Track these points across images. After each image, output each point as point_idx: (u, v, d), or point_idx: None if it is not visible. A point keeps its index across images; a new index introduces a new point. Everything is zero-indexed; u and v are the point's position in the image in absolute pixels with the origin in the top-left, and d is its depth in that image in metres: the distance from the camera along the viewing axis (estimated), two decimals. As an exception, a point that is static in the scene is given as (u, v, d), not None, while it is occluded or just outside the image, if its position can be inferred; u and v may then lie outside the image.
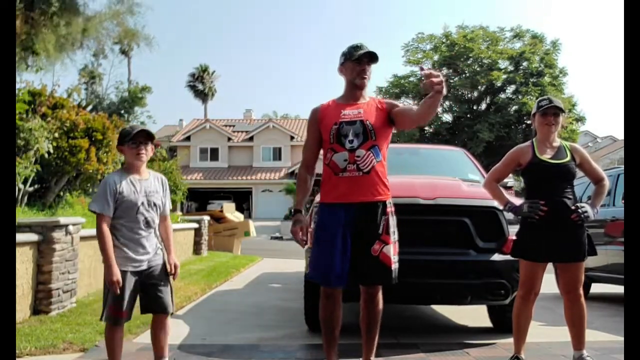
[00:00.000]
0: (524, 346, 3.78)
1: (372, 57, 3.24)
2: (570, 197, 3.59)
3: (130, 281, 3.14)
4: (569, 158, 3.63)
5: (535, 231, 3.57)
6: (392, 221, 3.24)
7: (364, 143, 3.17)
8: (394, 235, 3.23)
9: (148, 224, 3.19)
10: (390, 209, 3.25)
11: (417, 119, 3.18)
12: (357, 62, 3.22)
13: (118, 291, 3.05)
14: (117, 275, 3.05)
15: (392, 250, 3.18)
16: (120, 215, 3.14)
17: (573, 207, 3.53)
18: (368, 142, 3.18)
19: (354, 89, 3.31)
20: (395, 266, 3.20)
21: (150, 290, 3.21)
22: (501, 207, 3.95)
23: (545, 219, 3.53)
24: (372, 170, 3.18)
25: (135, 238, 3.15)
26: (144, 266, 3.18)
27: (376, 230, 3.17)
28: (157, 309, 3.25)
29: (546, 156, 3.63)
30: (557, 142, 3.70)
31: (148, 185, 3.23)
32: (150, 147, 3.23)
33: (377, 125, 3.22)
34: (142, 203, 3.17)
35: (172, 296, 3.30)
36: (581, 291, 3.69)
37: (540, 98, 3.82)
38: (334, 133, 3.20)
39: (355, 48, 3.23)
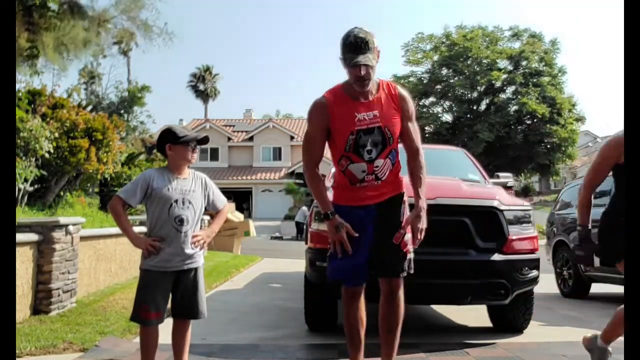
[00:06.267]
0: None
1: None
2: None
3: (160, 282, 3.11)
4: None
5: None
6: (408, 212, 3.15)
7: (383, 152, 3.02)
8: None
9: (182, 222, 3.13)
10: (406, 199, 3.18)
11: (409, 154, 3.13)
12: (354, 67, 2.90)
13: (160, 245, 3.06)
14: (145, 240, 3.09)
15: (410, 240, 3.07)
16: (154, 210, 3.14)
17: None
18: (387, 149, 3.03)
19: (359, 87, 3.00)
20: (410, 256, 3.09)
21: (177, 293, 3.18)
22: (579, 226, 3.32)
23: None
24: (389, 174, 3.09)
25: (166, 234, 3.11)
26: (175, 267, 3.13)
27: (397, 219, 3.07)
28: (175, 313, 3.23)
29: None
30: None
31: (185, 184, 3.20)
32: (198, 152, 3.27)
33: (394, 128, 3.04)
34: (177, 200, 3.13)
35: (200, 302, 3.23)
36: None
37: None
38: (351, 144, 2.99)
39: (349, 48, 2.89)
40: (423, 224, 3.04)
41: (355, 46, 2.89)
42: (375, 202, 3.07)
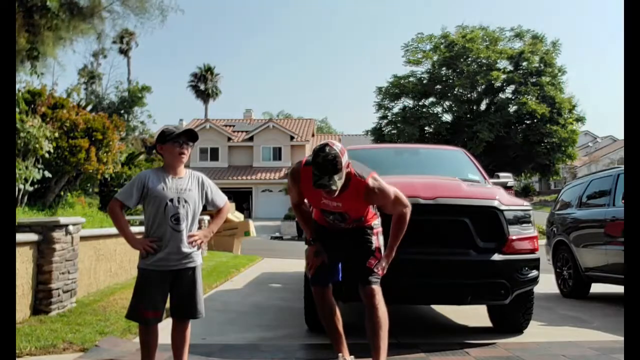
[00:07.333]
0: None
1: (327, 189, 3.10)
2: None
3: (158, 281, 3.11)
4: None
5: None
6: (381, 240, 3.54)
7: (347, 221, 3.46)
8: (380, 252, 3.52)
9: (178, 221, 3.13)
10: (377, 230, 3.55)
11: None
12: (318, 187, 3.10)
13: (156, 246, 3.09)
14: (142, 242, 3.12)
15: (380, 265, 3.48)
16: (150, 210, 3.15)
17: None
18: (349, 220, 3.45)
19: None
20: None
21: (175, 293, 3.19)
22: None
23: None
24: (355, 225, 3.49)
25: (163, 233, 3.12)
26: (173, 267, 3.14)
27: (370, 247, 3.47)
28: (174, 313, 3.24)
29: None
30: None
31: (181, 183, 3.21)
32: (190, 148, 3.25)
33: (358, 212, 3.41)
34: (172, 199, 3.14)
35: (198, 302, 3.24)
36: None
37: None
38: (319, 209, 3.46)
39: (317, 167, 3.04)
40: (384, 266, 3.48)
41: (322, 167, 3.06)
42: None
